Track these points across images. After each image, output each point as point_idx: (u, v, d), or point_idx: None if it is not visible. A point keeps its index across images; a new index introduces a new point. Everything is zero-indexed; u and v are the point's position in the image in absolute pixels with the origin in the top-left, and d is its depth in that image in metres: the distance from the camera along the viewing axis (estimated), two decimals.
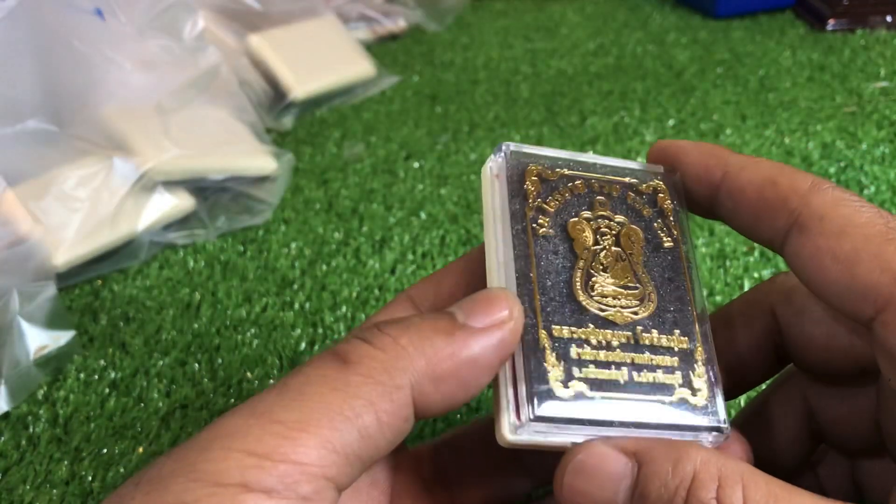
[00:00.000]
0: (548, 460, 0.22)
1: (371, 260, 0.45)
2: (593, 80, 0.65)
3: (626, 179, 0.24)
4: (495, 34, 0.77)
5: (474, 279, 0.23)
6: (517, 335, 0.20)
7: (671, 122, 0.58)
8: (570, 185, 0.23)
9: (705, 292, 0.41)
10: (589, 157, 0.24)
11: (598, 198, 0.23)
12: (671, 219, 0.24)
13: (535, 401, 0.20)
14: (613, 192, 0.24)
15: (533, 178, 0.23)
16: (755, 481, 0.17)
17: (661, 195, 0.24)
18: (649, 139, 0.56)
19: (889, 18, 0.71)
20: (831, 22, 0.71)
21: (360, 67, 0.65)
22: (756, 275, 0.42)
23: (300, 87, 0.61)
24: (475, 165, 0.54)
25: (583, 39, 0.74)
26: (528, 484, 0.26)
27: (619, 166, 0.24)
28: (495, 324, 0.20)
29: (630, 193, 0.24)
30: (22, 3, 0.42)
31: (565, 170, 0.24)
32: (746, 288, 0.41)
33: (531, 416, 0.20)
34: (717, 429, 0.21)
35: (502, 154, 0.23)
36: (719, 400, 0.21)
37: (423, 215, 0.49)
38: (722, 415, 0.21)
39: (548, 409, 0.20)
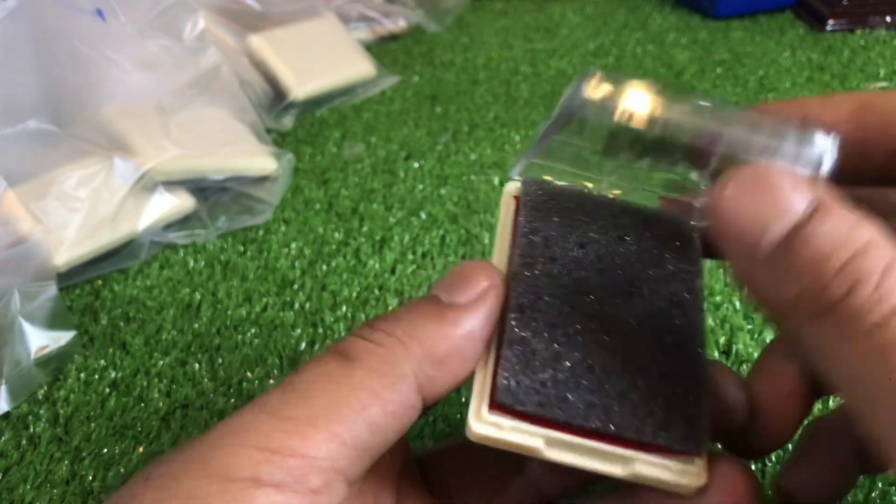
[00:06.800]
0: (557, 475, 0.21)
1: (371, 260, 0.45)
2: None
3: (650, 225, 0.23)
4: (495, 34, 0.77)
5: None
6: (500, 300, 0.20)
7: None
8: (591, 227, 0.22)
9: (705, 292, 0.41)
10: (615, 199, 0.23)
11: (617, 246, 0.22)
12: (688, 268, 0.22)
13: (509, 391, 0.19)
14: (631, 237, 0.23)
15: (554, 218, 0.22)
16: None
17: (681, 244, 0.23)
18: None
19: (889, 18, 0.71)
20: (831, 22, 0.72)
21: (360, 67, 0.65)
22: None
23: (300, 87, 0.61)
24: (475, 165, 0.54)
25: (583, 39, 0.74)
26: (534, 497, 0.25)
27: (643, 210, 0.23)
28: (478, 296, 0.20)
29: (650, 241, 0.23)
30: (22, 4, 0.42)
31: (586, 210, 0.23)
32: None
33: (504, 405, 0.19)
34: (691, 452, 0.19)
35: (524, 183, 0.23)
36: (698, 424, 0.20)
37: (423, 215, 0.49)
38: (700, 439, 0.19)
39: (522, 401, 0.19)
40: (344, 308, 0.41)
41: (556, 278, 0.21)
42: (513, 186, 0.24)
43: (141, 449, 0.34)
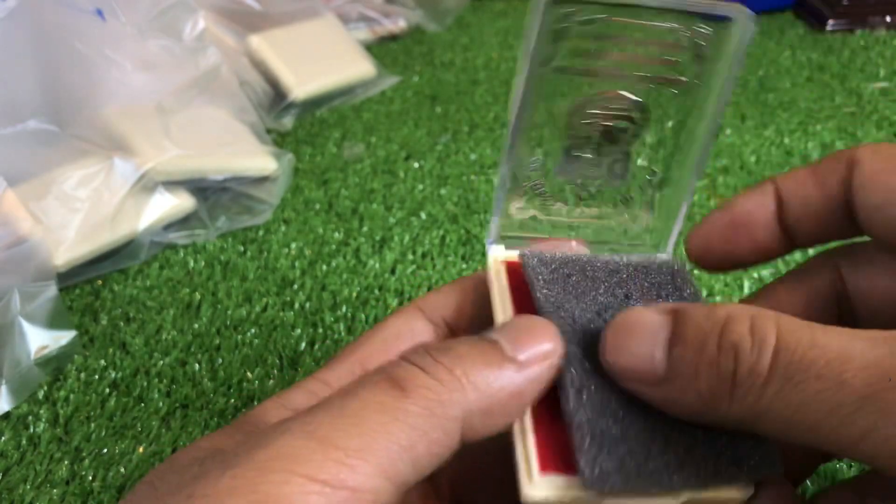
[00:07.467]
0: None
1: (371, 260, 0.45)
2: None
3: (645, 274, 0.24)
4: (495, 34, 0.77)
5: (485, 303, 0.24)
6: (558, 365, 0.20)
7: (670, 123, 0.58)
8: (598, 292, 0.23)
9: (704, 293, 0.41)
10: (608, 258, 0.24)
11: (626, 302, 0.23)
12: (693, 300, 0.23)
13: (597, 477, 0.19)
14: (635, 291, 0.23)
15: (562, 288, 0.23)
16: (788, 318, 0.18)
17: (678, 281, 0.24)
18: (649, 140, 0.55)
19: (889, 18, 0.71)
20: (831, 22, 0.72)
21: (360, 68, 0.65)
22: (755, 275, 0.42)
23: (300, 87, 0.61)
24: (475, 166, 0.54)
25: None
26: None
27: (633, 261, 0.24)
28: (539, 357, 0.20)
29: (652, 289, 0.23)
30: (22, 4, 0.42)
31: (587, 274, 0.23)
32: (746, 289, 0.41)
33: (596, 489, 0.19)
34: (773, 474, 0.20)
35: (524, 257, 0.24)
36: (765, 448, 0.20)
37: (423, 215, 0.49)
38: (770, 461, 0.20)
39: (613, 482, 0.19)
40: (344, 308, 0.41)
41: (586, 349, 0.21)
42: (497, 252, 0.25)
43: (141, 449, 0.34)
